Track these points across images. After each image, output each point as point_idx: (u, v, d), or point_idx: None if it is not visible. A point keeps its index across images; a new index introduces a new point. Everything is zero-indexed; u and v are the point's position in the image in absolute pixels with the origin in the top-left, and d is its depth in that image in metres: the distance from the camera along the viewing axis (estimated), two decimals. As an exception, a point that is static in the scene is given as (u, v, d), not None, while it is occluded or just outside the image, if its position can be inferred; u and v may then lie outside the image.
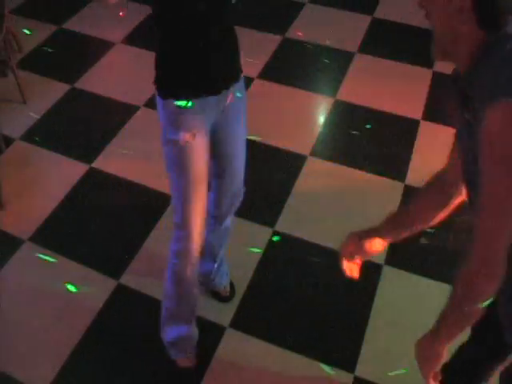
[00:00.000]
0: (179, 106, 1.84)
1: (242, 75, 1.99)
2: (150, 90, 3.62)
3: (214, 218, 2.27)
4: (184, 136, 1.85)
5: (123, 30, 4.24)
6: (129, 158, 3.27)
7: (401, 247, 2.76)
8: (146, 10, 4.12)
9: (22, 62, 3.89)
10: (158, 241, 2.83)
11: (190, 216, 1.99)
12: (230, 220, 2.34)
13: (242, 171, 2.20)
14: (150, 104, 3.61)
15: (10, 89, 3.61)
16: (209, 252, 2.37)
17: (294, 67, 3.96)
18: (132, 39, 4.18)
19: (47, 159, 3.26)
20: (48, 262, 2.73)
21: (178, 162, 1.92)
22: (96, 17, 4.41)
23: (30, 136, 3.39)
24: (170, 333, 2.27)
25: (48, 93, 3.69)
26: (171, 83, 1.86)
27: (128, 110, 3.58)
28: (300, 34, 4.25)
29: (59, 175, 3.17)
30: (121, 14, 4.39)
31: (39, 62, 3.96)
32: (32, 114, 3.53)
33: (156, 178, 3.12)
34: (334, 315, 2.55)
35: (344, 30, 4.31)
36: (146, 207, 3.02)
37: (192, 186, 1.94)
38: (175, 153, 1.90)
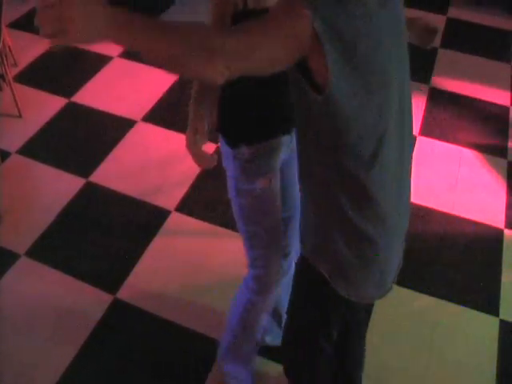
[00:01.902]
0: (254, 152, 1.68)
1: None
2: (147, 104, 3.69)
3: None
4: (260, 183, 1.73)
5: (120, 45, 4.25)
6: (126, 173, 3.26)
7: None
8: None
9: (19, 76, 3.89)
10: (155, 255, 2.82)
11: (271, 263, 1.91)
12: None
13: None
14: (147, 118, 3.61)
15: (6, 102, 3.61)
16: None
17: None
18: (129, 53, 4.17)
19: (44, 173, 3.25)
20: (44, 276, 2.71)
21: (255, 210, 1.81)
22: (93, 31, 4.42)
23: (26, 150, 3.38)
24: (228, 366, 2.25)
25: (44, 107, 3.69)
26: (243, 128, 1.69)
27: (125, 125, 3.57)
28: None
29: (56, 189, 3.15)
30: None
31: (36, 76, 3.96)
32: (28, 128, 3.52)
33: (153, 193, 3.12)
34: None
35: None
36: (143, 222, 3.00)
37: (271, 233, 1.85)
38: (251, 202, 1.79)
